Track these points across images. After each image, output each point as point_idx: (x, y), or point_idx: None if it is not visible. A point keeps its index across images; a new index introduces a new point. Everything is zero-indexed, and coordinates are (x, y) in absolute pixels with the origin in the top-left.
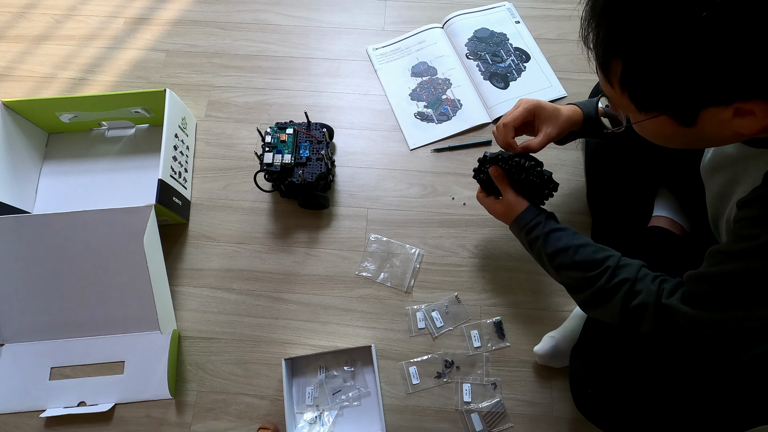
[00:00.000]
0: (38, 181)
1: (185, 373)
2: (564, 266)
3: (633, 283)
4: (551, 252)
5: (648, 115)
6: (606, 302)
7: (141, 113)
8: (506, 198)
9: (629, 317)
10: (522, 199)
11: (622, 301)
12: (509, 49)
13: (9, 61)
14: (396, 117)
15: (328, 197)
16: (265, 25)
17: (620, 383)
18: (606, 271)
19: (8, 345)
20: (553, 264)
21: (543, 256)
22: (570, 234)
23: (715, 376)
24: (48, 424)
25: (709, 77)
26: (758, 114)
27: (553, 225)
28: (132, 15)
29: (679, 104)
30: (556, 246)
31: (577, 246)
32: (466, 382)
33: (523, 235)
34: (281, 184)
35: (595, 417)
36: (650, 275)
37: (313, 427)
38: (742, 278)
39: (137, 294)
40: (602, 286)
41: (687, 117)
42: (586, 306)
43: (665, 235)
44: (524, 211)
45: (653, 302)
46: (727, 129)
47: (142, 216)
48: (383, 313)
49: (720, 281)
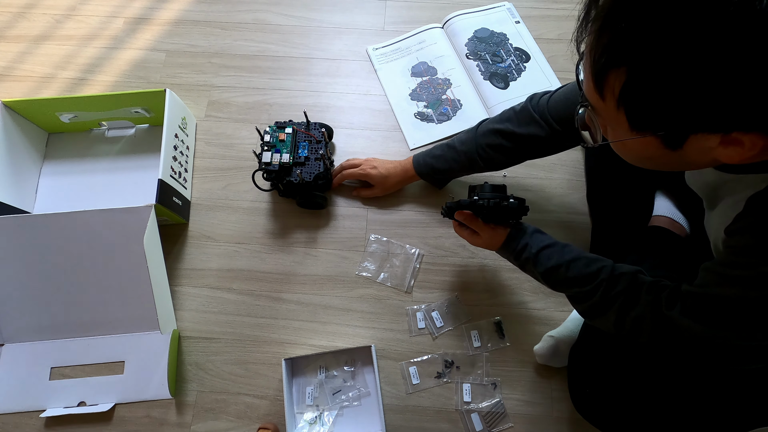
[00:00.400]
0: (38, 181)
1: (185, 373)
2: (559, 283)
3: (628, 295)
4: (544, 272)
5: (638, 134)
6: (603, 315)
7: (141, 113)
8: (484, 234)
9: (627, 329)
10: (500, 228)
11: (617, 314)
12: (509, 49)
13: (9, 61)
14: (396, 117)
15: (326, 197)
16: (265, 25)
17: (618, 383)
18: (600, 286)
19: (8, 345)
20: (548, 282)
21: (537, 276)
22: (559, 250)
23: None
24: (48, 424)
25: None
26: (746, 145)
27: (540, 243)
28: (132, 15)
29: (676, 126)
30: (547, 265)
31: (568, 262)
32: (466, 382)
33: (513, 261)
34: (279, 183)
35: (593, 416)
36: (645, 284)
37: (313, 427)
38: (741, 304)
39: (137, 294)
40: (597, 301)
41: (676, 140)
42: (586, 316)
43: (665, 235)
44: (506, 241)
45: (650, 313)
46: (709, 156)
47: (142, 216)
48: (383, 313)
49: (720, 304)
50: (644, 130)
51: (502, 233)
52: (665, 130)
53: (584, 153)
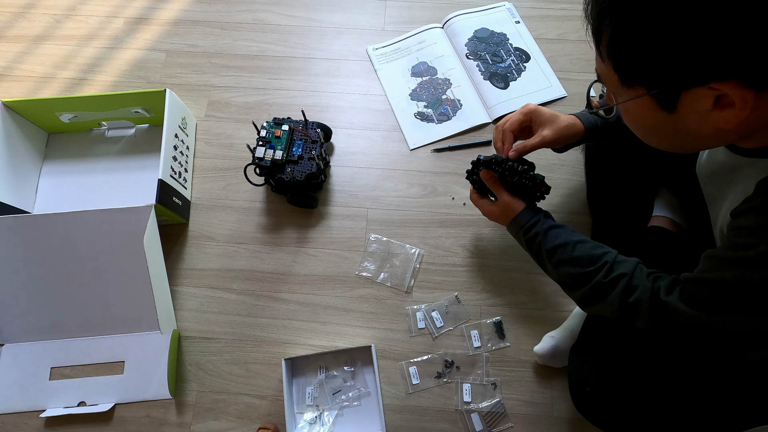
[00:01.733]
0: (38, 181)
1: (185, 373)
2: (562, 262)
3: (630, 278)
4: (550, 248)
5: (630, 91)
6: (604, 297)
7: (141, 113)
8: (502, 199)
9: (626, 312)
10: (518, 200)
11: (620, 296)
12: (509, 49)
13: (8, 60)
14: (396, 117)
15: (317, 197)
16: (265, 25)
17: (619, 383)
18: (604, 266)
19: (8, 345)
20: (551, 260)
21: (542, 253)
22: (568, 231)
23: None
24: (48, 424)
25: (688, 48)
26: (738, 104)
27: (551, 223)
28: (132, 15)
29: (659, 78)
30: (554, 242)
31: (575, 242)
32: (466, 382)
33: (521, 235)
34: (271, 179)
35: (593, 416)
36: (645, 271)
37: (313, 427)
38: (740, 286)
39: (137, 294)
40: (600, 280)
41: (668, 98)
42: (583, 302)
43: (665, 235)
44: (522, 212)
45: (648, 298)
46: (708, 122)
47: (142, 216)
48: (383, 313)
49: (718, 287)
50: (633, 83)
51: (519, 205)
52: (649, 82)
53: (584, 153)
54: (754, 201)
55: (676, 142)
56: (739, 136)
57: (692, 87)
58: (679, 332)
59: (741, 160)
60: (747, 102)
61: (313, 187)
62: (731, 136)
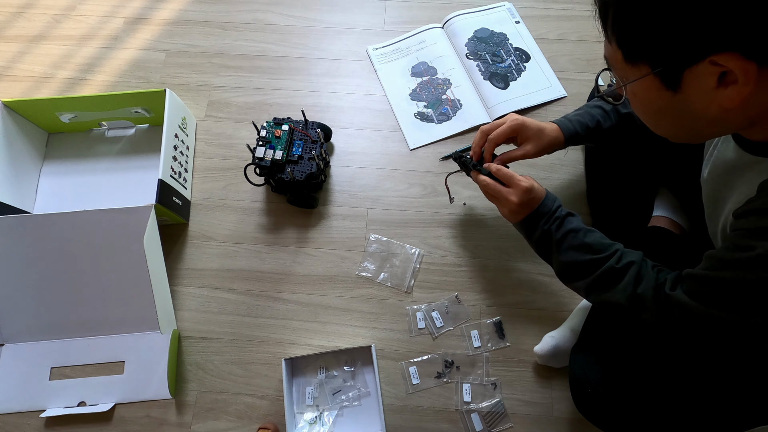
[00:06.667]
0: (38, 181)
1: (185, 373)
2: (574, 248)
3: (639, 267)
4: (565, 233)
5: (635, 70)
6: (615, 284)
7: (141, 113)
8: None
9: (635, 302)
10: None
11: (633, 283)
12: (509, 49)
13: (7, 60)
14: (396, 117)
15: (317, 198)
16: (264, 25)
17: (620, 383)
18: (615, 253)
19: (8, 345)
20: (563, 245)
21: (551, 237)
22: (581, 220)
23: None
24: (48, 424)
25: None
26: (740, 79)
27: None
28: (131, 15)
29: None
30: (568, 227)
31: (586, 230)
32: (466, 382)
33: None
34: (271, 179)
35: (594, 417)
36: (650, 263)
37: (313, 427)
38: (737, 287)
39: (137, 294)
40: (612, 266)
41: (672, 77)
42: (591, 290)
43: (665, 235)
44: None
45: (653, 288)
46: (713, 102)
47: (142, 216)
48: (383, 313)
49: (718, 286)
50: (636, 61)
51: (541, 194)
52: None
53: (584, 153)
54: (756, 203)
55: (683, 126)
56: (745, 120)
57: (695, 63)
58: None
59: (748, 158)
60: (750, 76)
61: (313, 187)
62: (737, 119)
